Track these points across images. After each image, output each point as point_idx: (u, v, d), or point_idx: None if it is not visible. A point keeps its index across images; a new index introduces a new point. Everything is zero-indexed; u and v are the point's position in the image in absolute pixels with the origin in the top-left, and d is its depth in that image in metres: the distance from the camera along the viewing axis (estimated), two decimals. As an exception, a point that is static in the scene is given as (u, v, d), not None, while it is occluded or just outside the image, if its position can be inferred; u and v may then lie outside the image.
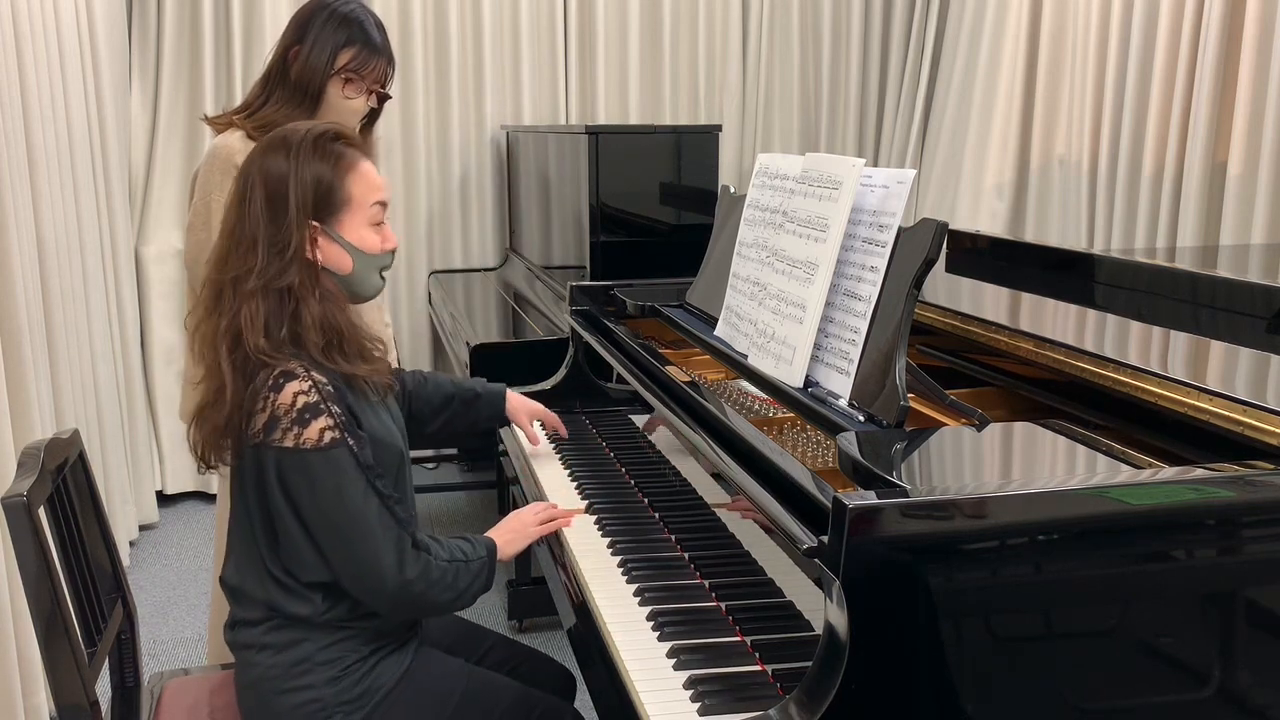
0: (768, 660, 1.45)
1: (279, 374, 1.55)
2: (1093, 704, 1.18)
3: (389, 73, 2.22)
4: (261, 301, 1.57)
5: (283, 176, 1.60)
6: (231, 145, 2.08)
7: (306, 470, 1.54)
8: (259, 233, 1.59)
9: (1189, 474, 1.21)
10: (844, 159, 1.68)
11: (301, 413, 1.54)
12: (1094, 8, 3.79)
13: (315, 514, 1.56)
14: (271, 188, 1.60)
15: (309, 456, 1.54)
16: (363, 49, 2.14)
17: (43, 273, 2.92)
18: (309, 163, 1.61)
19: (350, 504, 1.55)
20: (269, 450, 1.55)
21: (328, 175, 1.62)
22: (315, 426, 1.54)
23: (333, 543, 1.56)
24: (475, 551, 1.68)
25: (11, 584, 2.33)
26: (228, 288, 1.60)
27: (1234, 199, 3.26)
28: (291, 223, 1.59)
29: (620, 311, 2.47)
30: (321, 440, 1.54)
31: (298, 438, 1.53)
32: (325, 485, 1.54)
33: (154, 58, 4.21)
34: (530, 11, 4.61)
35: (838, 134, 5.02)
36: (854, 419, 1.49)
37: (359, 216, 1.65)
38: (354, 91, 2.14)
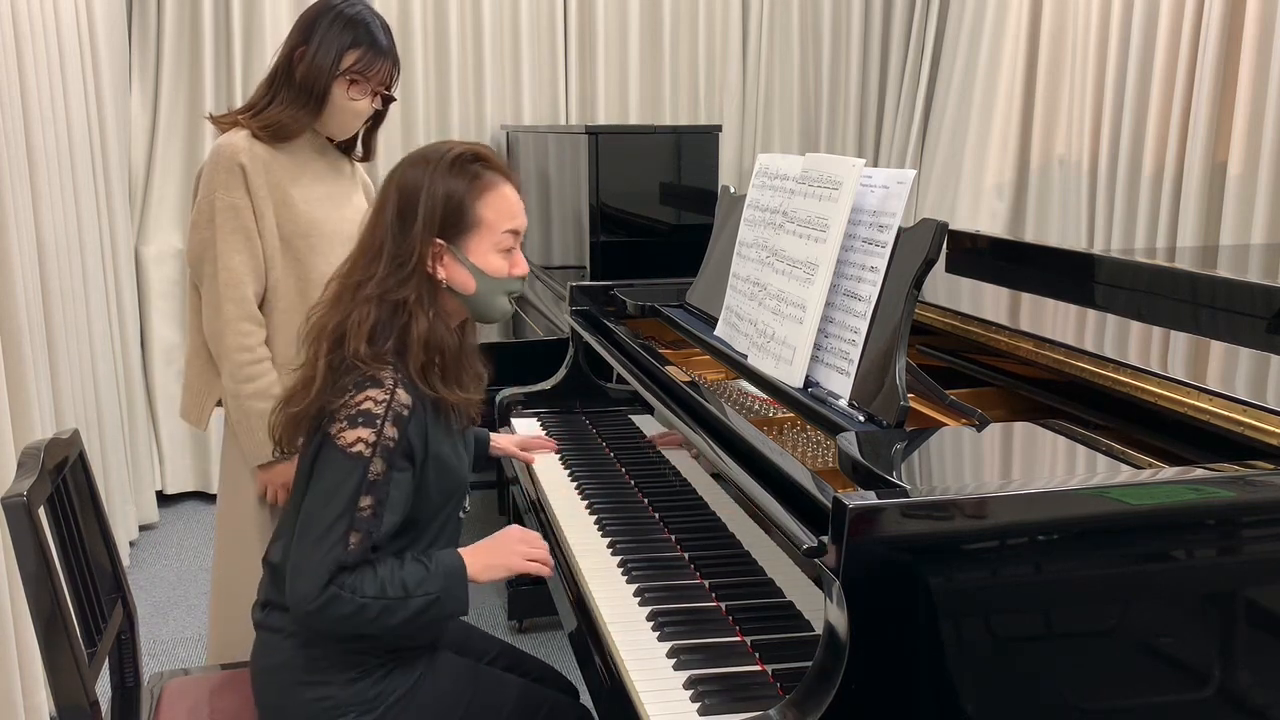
0: (768, 660, 1.45)
1: (368, 377, 1.56)
2: (1093, 704, 1.18)
3: (394, 75, 2.21)
4: (374, 309, 1.59)
5: (415, 190, 1.61)
6: (235, 144, 2.08)
7: (323, 462, 1.56)
8: (385, 242, 1.61)
9: (1189, 474, 1.21)
10: (844, 159, 1.68)
11: (358, 415, 1.54)
12: (1094, 8, 3.79)
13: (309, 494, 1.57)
14: (404, 200, 1.61)
15: (333, 450, 1.55)
16: (368, 50, 2.13)
17: (43, 273, 2.92)
18: (444, 179, 1.61)
19: (322, 511, 1.53)
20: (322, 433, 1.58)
21: (460, 194, 1.62)
22: (356, 433, 1.54)
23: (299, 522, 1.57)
24: (424, 585, 1.56)
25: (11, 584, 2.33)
26: (348, 290, 1.62)
27: (1234, 199, 3.26)
28: (416, 237, 1.60)
29: (620, 311, 2.47)
30: (351, 446, 1.54)
31: (339, 431, 1.55)
32: (320, 482, 1.56)
33: (154, 58, 4.20)
34: (530, 11, 4.61)
35: (838, 134, 5.02)
36: (854, 419, 1.49)
37: (488, 240, 1.64)
38: (359, 93, 2.14)
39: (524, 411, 2.60)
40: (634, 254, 3.44)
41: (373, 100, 2.17)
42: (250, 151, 2.08)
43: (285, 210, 2.10)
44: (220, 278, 2.07)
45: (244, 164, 2.06)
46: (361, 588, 1.53)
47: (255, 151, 2.08)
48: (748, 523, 1.58)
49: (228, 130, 2.14)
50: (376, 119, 2.26)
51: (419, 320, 1.60)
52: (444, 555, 1.62)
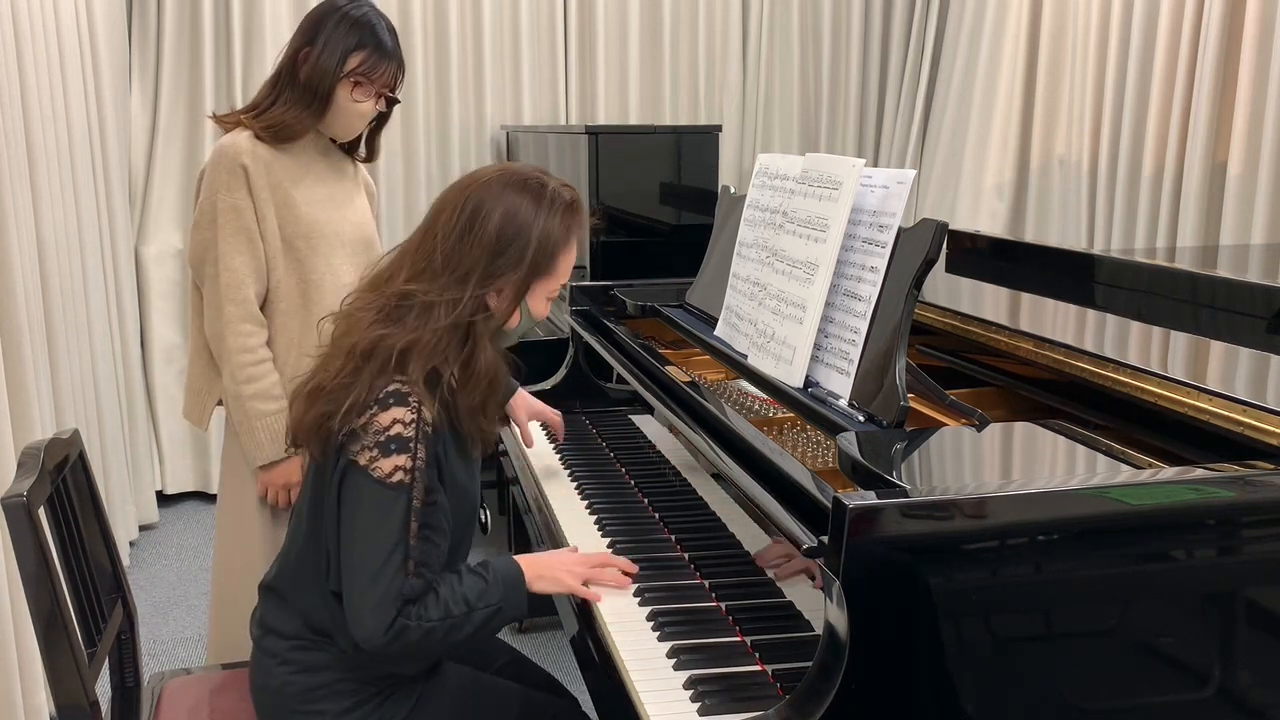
0: (768, 660, 1.45)
1: (392, 392, 1.49)
2: (1093, 704, 1.18)
3: (399, 77, 2.20)
4: (448, 335, 1.51)
5: (526, 225, 1.55)
6: (239, 145, 2.08)
7: (359, 492, 1.48)
8: (475, 268, 1.53)
9: (1189, 474, 1.21)
10: (844, 159, 1.68)
11: (389, 441, 1.47)
12: (1094, 8, 3.79)
13: (345, 529, 1.50)
14: (509, 229, 1.54)
15: (371, 483, 1.47)
16: (373, 53, 2.13)
17: (43, 273, 2.92)
18: (554, 220, 1.57)
19: (373, 547, 1.47)
20: (344, 454, 1.49)
21: (557, 240, 1.58)
22: (393, 461, 1.47)
23: (341, 562, 1.51)
24: (485, 597, 1.55)
25: (11, 584, 2.33)
26: (418, 308, 1.52)
27: (1234, 199, 3.26)
28: (507, 269, 1.54)
29: (620, 311, 2.47)
30: (390, 476, 1.47)
31: (371, 460, 1.47)
32: (366, 516, 1.48)
33: (154, 58, 4.20)
34: (530, 11, 4.61)
35: (838, 134, 5.02)
36: (854, 419, 1.49)
37: (549, 287, 1.62)
38: (363, 95, 2.13)
39: (524, 411, 2.60)
40: (634, 254, 3.44)
41: (377, 102, 2.16)
42: (253, 152, 2.07)
43: (287, 211, 2.10)
44: (222, 279, 2.06)
45: (246, 165, 2.06)
46: (427, 614, 1.50)
47: (258, 152, 2.07)
48: (748, 523, 1.58)
49: (230, 130, 2.14)
50: (380, 120, 2.26)
51: (484, 350, 1.54)
52: (500, 563, 1.60)
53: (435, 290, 1.52)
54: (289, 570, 1.64)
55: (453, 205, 1.56)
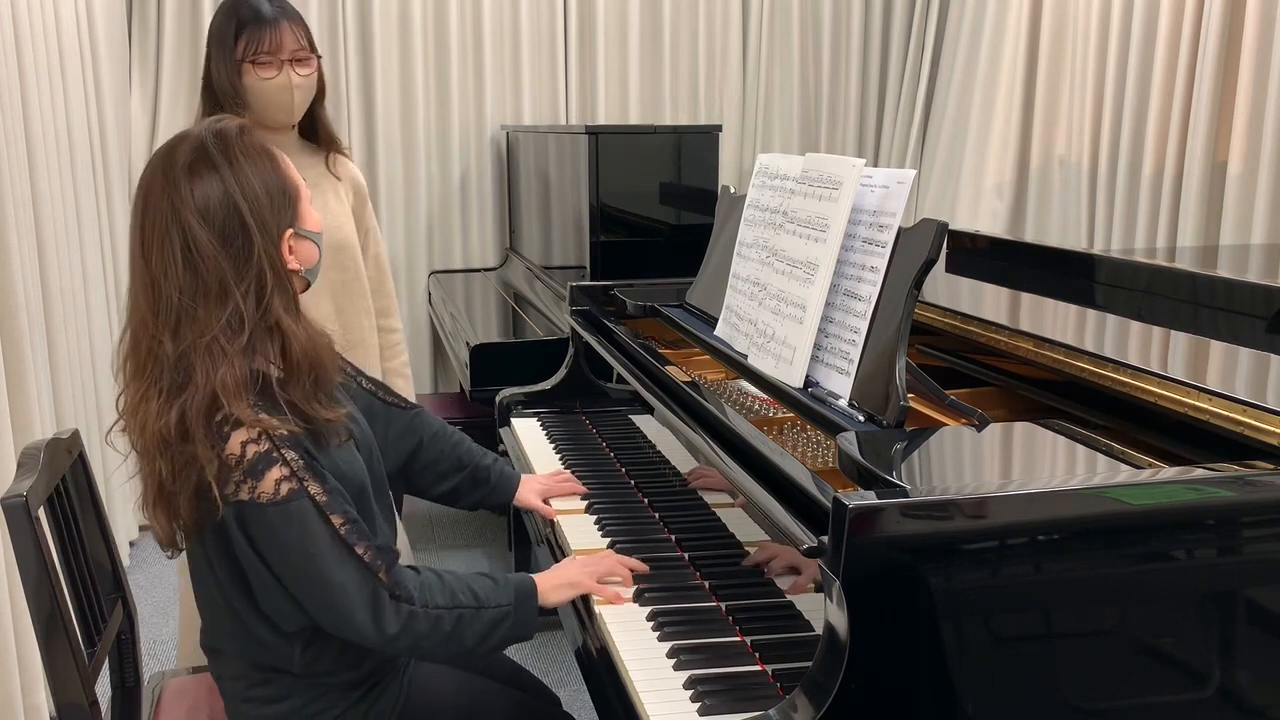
0: (768, 660, 1.45)
1: (220, 419, 1.36)
2: (1093, 704, 1.18)
3: (296, 35, 2.14)
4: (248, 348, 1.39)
5: (226, 201, 1.38)
6: None
7: (266, 524, 1.39)
8: (224, 276, 1.37)
9: (1189, 474, 1.21)
10: (844, 159, 1.68)
11: (253, 464, 1.37)
12: (1094, 8, 3.79)
13: (283, 568, 1.42)
14: (218, 220, 1.38)
15: (267, 511, 1.37)
16: (252, 29, 2.09)
17: (43, 273, 2.92)
18: (241, 171, 1.40)
19: (317, 558, 1.40)
20: (227, 505, 1.38)
21: (276, 177, 1.44)
22: (270, 478, 1.37)
23: (306, 595, 1.43)
24: (495, 596, 1.50)
25: (11, 584, 2.33)
26: (200, 356, 1.36)
27: (1234, 199, 3.26)
28: (251, 251, 1.39)
29: (620, 311, 2.47)
30: (279, 493, 1.37)
31: (252, 490, 1.37)
32: (288, 540, 1.39)
33: (154, 58, 4.21)
34: (530, 11, 4.61)
35: (838, 134, 5.02)
36: (854, 419, 1.49)
37: (304, 200, 1.48)
38: (268, 71, 2.11)
39: (524, 411, 2.60)
40: (634, 254, 3.44)
41: (291, 69, 2.13)
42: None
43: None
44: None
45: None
46: (433, 598, 1.45)
47: None
48: (748, 522, 1.58)
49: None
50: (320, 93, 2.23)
51: (295, 333, 1.41)
52: (514, 575, 1.57)
53: (207, 326, 1.37)
54: (213, 624, 1.56)
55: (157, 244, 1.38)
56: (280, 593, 1.45)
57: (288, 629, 1.49)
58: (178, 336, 1.38)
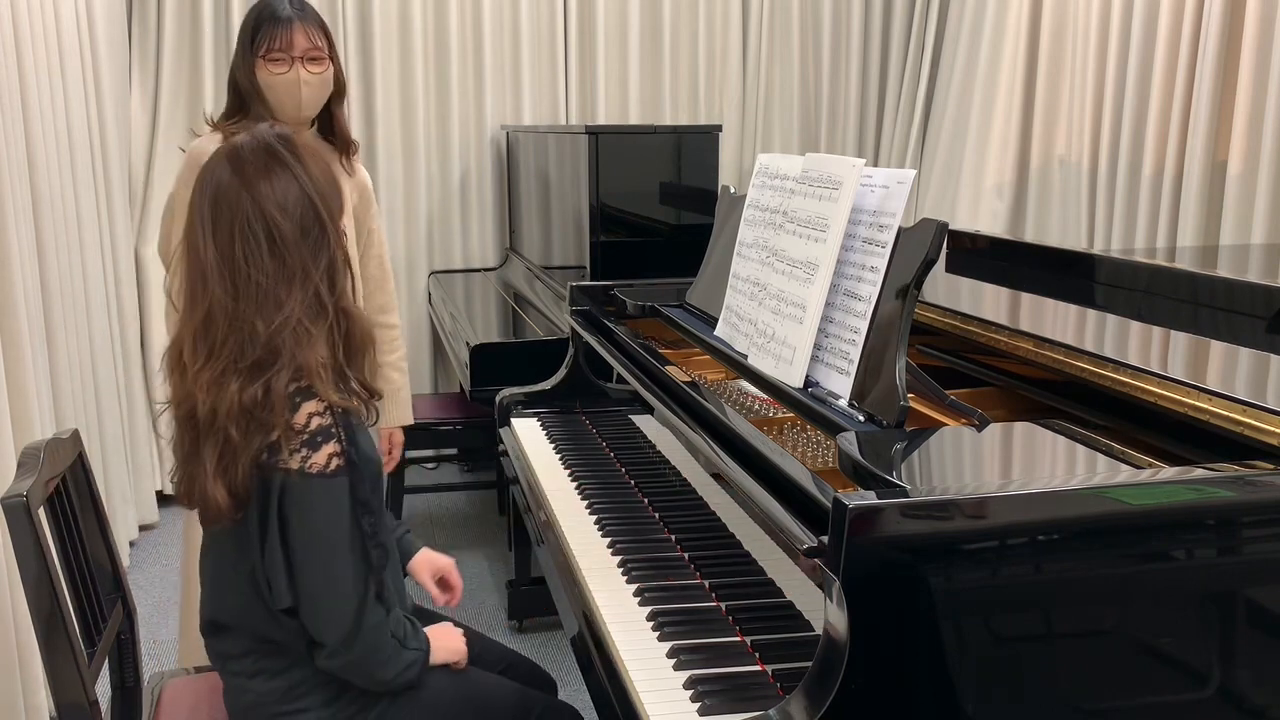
0: (768, 660, 1.45)
1: (295, 391, 1.48)
2: (1093, 704, 1.18)
3: (310, 35, 2.24)
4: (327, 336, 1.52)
5: (299, 195, 1.51)
6: (204, 149, 2.11)
7: (305, 495, 1.47)
8: (306, 262, 1.51)
9: (1189, 474, 1.21)
10: (844, 159, 1.68)
11: (314, 435, 1.48)
12: (1094, 8, 3.79)
13: (299, 539, 1.49)
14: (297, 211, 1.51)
15: (312, 482, 1.47)
16: (269, 27, 2.21)
17: (43, 273, 2.92)
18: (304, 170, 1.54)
19: (334, 538, 1.49)
20: (274, 471, 1.48)
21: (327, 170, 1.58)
22: (325, 451, 1.48)
23: (306, 571, 1.50)
24: (414, 640, 1.62)
25: (11, 584, 2.33)
26: (288, 336, 1.48)
27: (1234, 199, 3.26)
28: (329, 235, 1.53)
29: (620, 311, 2.47)
30: (328, 467, 1.48)
31: (304, 460, 1.47)
32: (316, 514, 1.48)
33: (154, 58, 4.21)
34: (530, 11, 4.61)
35: (838, 134, 5.02)
36: (854, 419, 1.49)
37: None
38: (279, 66, 2.22)
39: (524, 411, 2.61)
40: (634, 254, 3.44)
41: (302, 66, 2.22)
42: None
43: None
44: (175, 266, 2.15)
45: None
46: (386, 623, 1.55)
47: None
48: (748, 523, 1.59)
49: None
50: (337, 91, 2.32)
51: (359, 315, 1.56)
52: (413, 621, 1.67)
53: (292, 310, 1.49)
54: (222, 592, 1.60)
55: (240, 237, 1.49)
56: (284, 569, 1.50)
57: (273, 606, 1.54)
58: (267, 319, 1.49)
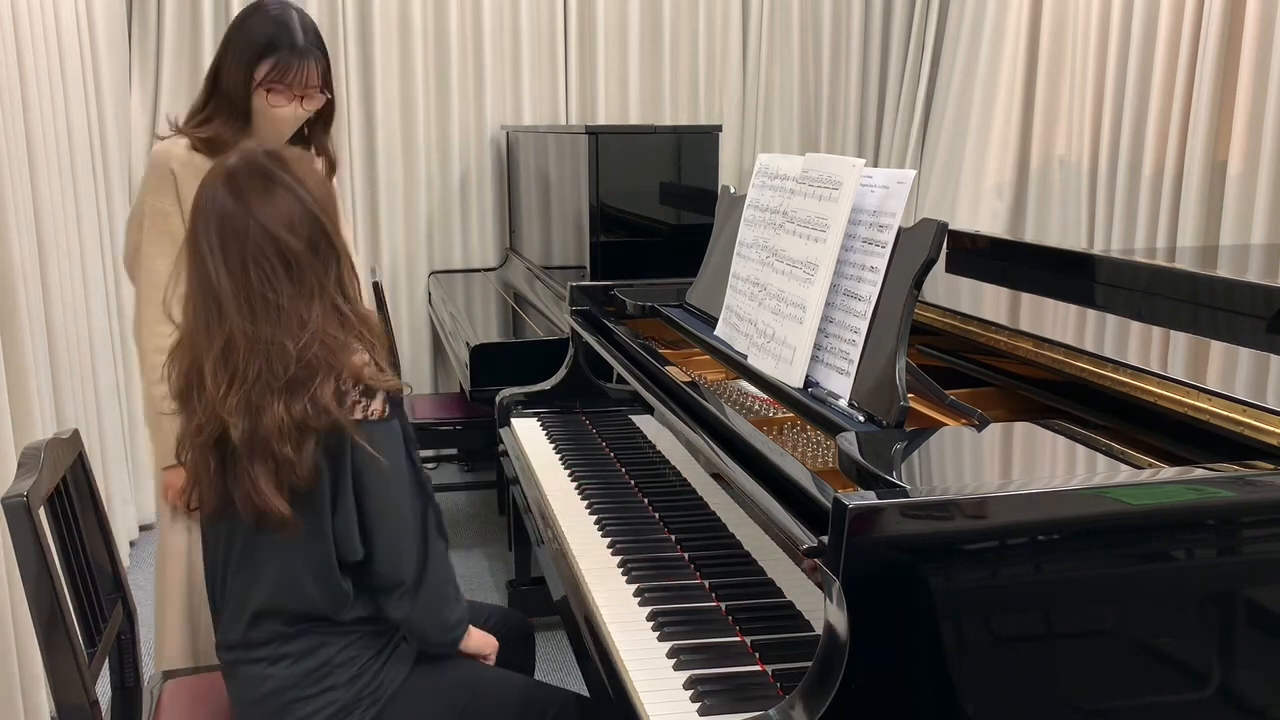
0: (768, 660, 1.45)
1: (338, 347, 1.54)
2: (1093, 704, 1.18)
3: (319, 72, 2.13)
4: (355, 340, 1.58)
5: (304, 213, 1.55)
6: (169, 151, 2.09)
7: (373, 441, 1.55)
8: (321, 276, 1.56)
9: (1189, 474, 1.21)
10: (844, 159, 1.68)
11: (368, 386, 1.55)
12: (1094, 8, 3.79)
13: (376, 484, 1.57)
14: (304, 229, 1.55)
15: (376, 428, 1.55)
16: (282, 56, 2.06)
17: (43, 273, 2.92)
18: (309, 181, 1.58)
19: (399, 477, 1.58)
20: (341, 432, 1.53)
21: (322, 181, 1.63)
22: (379, 399, 1.56)
23: (381, 515, 1.58)
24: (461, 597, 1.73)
25: (11, 584, 2.33)
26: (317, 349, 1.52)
27: (1234, 199, 3.26)
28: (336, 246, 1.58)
29: (620, 311, 2.47)
30: (385, 411, 1.57)
31: (366, 409, 1.55)
32: (385, 456, 1.56)
33: (154, 58, 4.21)
34: (530, 12, 4.61)
35: (838, 134, 5.02)
36: (854, 419, 1.49)
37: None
38: (279, 100, 2.09)
39: (524, 412, 2.60)
40: (634, 254, 3.44)
41: (300, 103, 2.12)
42: (184, 159, 2.08)
43: None
44: (143, 279, 2.10)
45: (175, 170, 2.08)
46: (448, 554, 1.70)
47: (190, 160, 2.08)
48: (748, 523, 1.58)
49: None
50: (326, 119, 2.22)
51: (370, 313, 1.62)
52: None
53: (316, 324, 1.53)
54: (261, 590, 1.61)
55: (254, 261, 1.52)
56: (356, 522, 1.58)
57: (348, 559, 1.59)
58: (295, 337, 1.52)
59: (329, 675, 1.60)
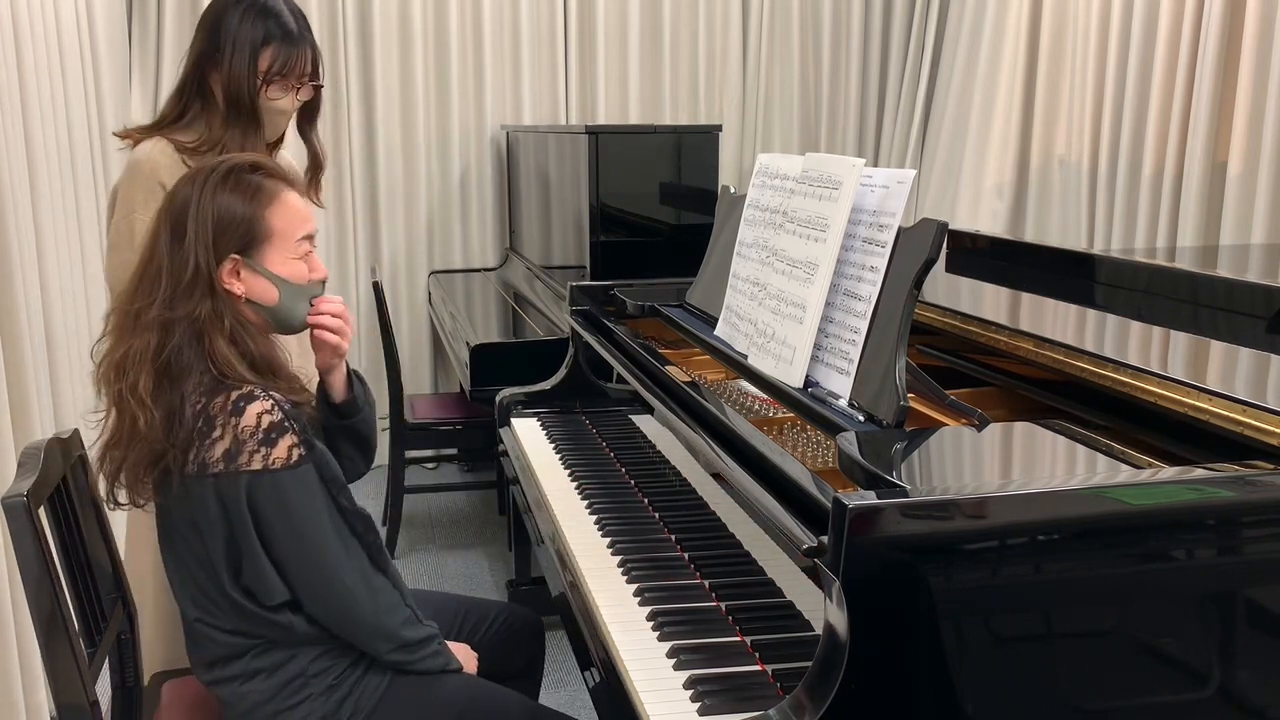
0: (768, 660, 1.45)
1: (238, 397, 1.53)
2: (1093, 704, 1.18)
3: (315, 61, 2.05)
4: (157, 335, 1.55)
5: (184, 206, 1.58)
6: (155, 160, 1.98)
7: (278, 491, 1.52)
8: (163, 264, 1.58)
9: (1189, 474, 1.21)
10: (844, 159, 1.68)
11: (269, 432, 1.52)
12: (1094, 8, 3.79)
13: (286, 535, 1.54)
14: (174, 219, 1.58)
15: (280, 476, 1.52)
16: (282, 45, 1.98)
17: (42, 273, 2.92)
18: (218, 194, 1.58)
19: (318, 527, 1.55)
20: (237, 477, 1.52)
21: (241, 208, 1.59)
22: (283, 445, 1.52)
23: (302, 570, 1.56)
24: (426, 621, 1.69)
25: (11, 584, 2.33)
26: (127, 319, 1.59)
27: (1234, 199, 3.26)
28: (190, 252, 1.56)
29: (620, 311, 2.47)
30: (290, 459, 1.53)
31: (266, 459, 1.52)
32: (297, 504, 1.53)
33: (154, 58, 4.21)
34: (530, 11, 4.62)
35: (838, 134, 5.02)
36: (854, 419, 1.49)
37: (284, 248, 1.63)
38: (278, 91, 2.01)
39: (524, 412, 2.60)
40: (634, 254, 3.44)
41: (295, 94, 2.05)
42: (171, 168, 1.97)
43: None
44: None
45: (164, 182, 1.94)
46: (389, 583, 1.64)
47: (181, 168, 1.96)
48: (748, 523, 1.58)
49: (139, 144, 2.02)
50: (311, 113, 2.14)
51: (217, 337, 1.56)
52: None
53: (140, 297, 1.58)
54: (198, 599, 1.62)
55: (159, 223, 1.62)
56: (269, 568, 1.55)
57: (269, 604, 1.57)
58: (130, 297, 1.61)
59: (304, 687, 1.60)
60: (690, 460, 1.89)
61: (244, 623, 1.59)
